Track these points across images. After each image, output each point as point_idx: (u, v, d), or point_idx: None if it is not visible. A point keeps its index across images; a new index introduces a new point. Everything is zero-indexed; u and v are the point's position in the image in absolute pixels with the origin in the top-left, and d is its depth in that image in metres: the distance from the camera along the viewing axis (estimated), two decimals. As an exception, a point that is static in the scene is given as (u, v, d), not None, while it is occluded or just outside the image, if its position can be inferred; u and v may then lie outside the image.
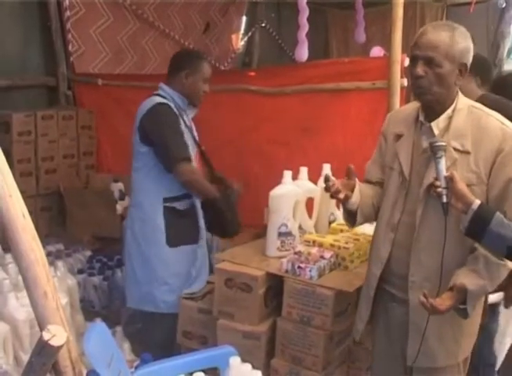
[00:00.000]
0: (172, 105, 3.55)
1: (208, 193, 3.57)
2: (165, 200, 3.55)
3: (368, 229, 3.36)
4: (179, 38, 6.97)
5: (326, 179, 2.43)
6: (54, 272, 3.70)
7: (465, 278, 2.23)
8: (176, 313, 3.52)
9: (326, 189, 2.43)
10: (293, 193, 3.28)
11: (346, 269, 3.11)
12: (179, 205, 3.58)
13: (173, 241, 3.56)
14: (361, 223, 2.66)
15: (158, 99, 3.54)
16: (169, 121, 3.50)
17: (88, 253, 4.89)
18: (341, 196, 2.42)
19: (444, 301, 2.19)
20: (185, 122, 3.60)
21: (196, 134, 3.79)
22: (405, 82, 3.56)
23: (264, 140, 4.73)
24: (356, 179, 2.50)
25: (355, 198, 2.49)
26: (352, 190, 2.47)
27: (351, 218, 2.60)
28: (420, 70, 2.26)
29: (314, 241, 3.22)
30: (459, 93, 2.37)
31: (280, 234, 3.24)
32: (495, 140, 2.26)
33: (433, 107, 2.35)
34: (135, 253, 3.67)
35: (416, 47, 2.29)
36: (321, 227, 3.53)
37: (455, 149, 2.28)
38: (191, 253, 3.60)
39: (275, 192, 3.25)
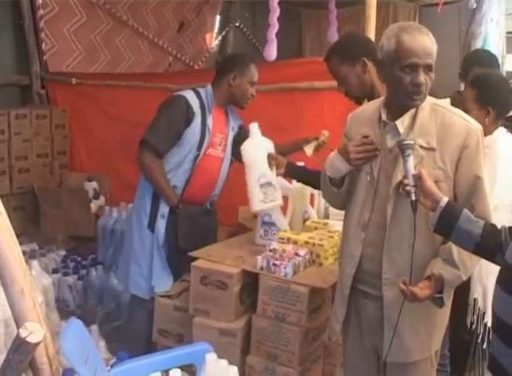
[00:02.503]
0: (196, 101, 3.58)
1: (159, 189, 3.57)
2: None
3: (341, 226, 3.40)
4: (153, 37, 6.97)
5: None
6: (28, 271, 3.69)
7: (441, 268, 2.26)
8: (147, 300, 3.60)
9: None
10: (264, 144, 3.33)
11: (321, 266, 3.14)
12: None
13: (152, 227, 3.59)
14: (341, 193, 2.58)
15: (185, 92, 3.61)
16: (169, 111, 3.55)
17: (63, 252, 4.89)
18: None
19: (422, 289, 2.22)
20: (204, 122, 3.58)
21: (227, 143, 3.76)
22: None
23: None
24: None
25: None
26: None
27: (336, 183, 2.56)
28: (423, 78, 2.25)
29: (288, 239, 3.24)
30: None
31: (262, 185, 3.23)
32: (460, 136, 2.29)
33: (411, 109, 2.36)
34: (128, 230, 3.82)
35: (413, 54, 2.24)
36: (295, 225, 3.55)
37: (421, 146, 2.30)
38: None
39: (247, 143, 3.30)
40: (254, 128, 3.35)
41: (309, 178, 3.23)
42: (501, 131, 3.22)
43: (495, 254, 2.13)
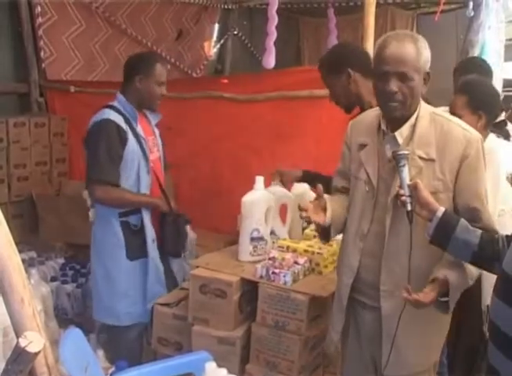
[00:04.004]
0: (120, 118, 3.49)
1: (142, 205, 3.54)
2: (120, 214, 3.52)
3: (341, 235, 3.40)
4: (152, 45, 6.98)
5: (299, 209, 2.50)
6: (27, 280, 3.68)
7: (446, 270, 2.23)
8: (140, 324, 3.58)
9: (301, 217, 2.55)
10: (265, 199, 3.30)
11: (320, 275, 3.13)
12: (133, 219, 3.54)
13: (132, 255, 3.53)
14: (334, 237, 2.64)
15: (106, 114, 3.49)
16: (102, 141, 3.42)
17: (61, 260, 4.87)
18: (317, 219, 2.42)
19: (426, 294, 2.17)
20: (135, 133, 3.52)
21: (158, 141, 3.75)
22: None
23: (237, 147, 4.75)
24: (325, 196, 2.48)
25: (328, 215, 2.46)
26: (324, 209, 2.44)
27: (325, 233, 2.58)
28: (393, 86, 2.24)
29: (288, 247, 3.24)
30: (421, 100, 2.39)
31: (252, 239, 3.26)
32: (460, 146, 2.28)
33: (400, 119, 2.35)
34: (97, 267, 3.66)
35: (384, 63, 2.26)
36: (295, 233, 3.55)
37: (420, 157, 2.30)
38: (146, 266, 3.58)
39: (248, 197, 3.27)
40: (259, 181, 3.30)
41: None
42: (493, 138, 3.23)
43: (493, 263, 2.13)
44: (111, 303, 3.59)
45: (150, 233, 3.55)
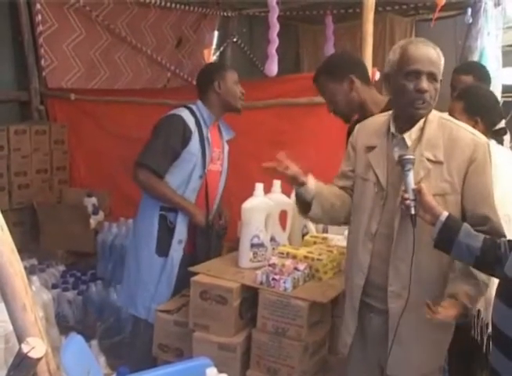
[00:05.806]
0: (191, 119, 3.58)
1: (178, 207, 3.57)
2: (161, 208, 3.59)
3: (340, 241, 3.42)
4: (151, 53, 7.00)
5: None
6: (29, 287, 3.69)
7: (463, 284, 2.29)
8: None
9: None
10: (264, 205, 3.32)
11: (320, 281, 3.14)
12: (171, 216, 3.59)
13: (161, 250, 3.58)
14: (317, 215, 2.61)
15: (179, 111, 3.61)
16: (163, 132, 3.53)
17: (62, 268, 4.89)
18: (290, 172, 2.52)
19: (447, 310, 2.22)
20: (202, 138, 3.59)
21: (224, 156, 3.84)
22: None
23: (237, 154, 4.74)
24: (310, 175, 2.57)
25: (310, 185, 2.53)
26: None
27: (305, 206, 2.59)
28: (425, 84, 2.28)
29: (288, 253, 3.24)
30: None
31: (253, 245, 3.28)
32: (467, 150, 2.32)
33: (418, 120, 2.37)
34: (131, 253, 3.75)
35: (416, 61, 2.29)
36: (294, 239, 3.56)
37: (428, 159, 2.33)
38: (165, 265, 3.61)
39: (247, 204, 3.29)
40: (258, 187, 3.33)
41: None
42: (492, 143, 3.24)
43: (495, 268, 2.14)
44: (134, 291, 3.66)
45: (179, 233, 3.58)
